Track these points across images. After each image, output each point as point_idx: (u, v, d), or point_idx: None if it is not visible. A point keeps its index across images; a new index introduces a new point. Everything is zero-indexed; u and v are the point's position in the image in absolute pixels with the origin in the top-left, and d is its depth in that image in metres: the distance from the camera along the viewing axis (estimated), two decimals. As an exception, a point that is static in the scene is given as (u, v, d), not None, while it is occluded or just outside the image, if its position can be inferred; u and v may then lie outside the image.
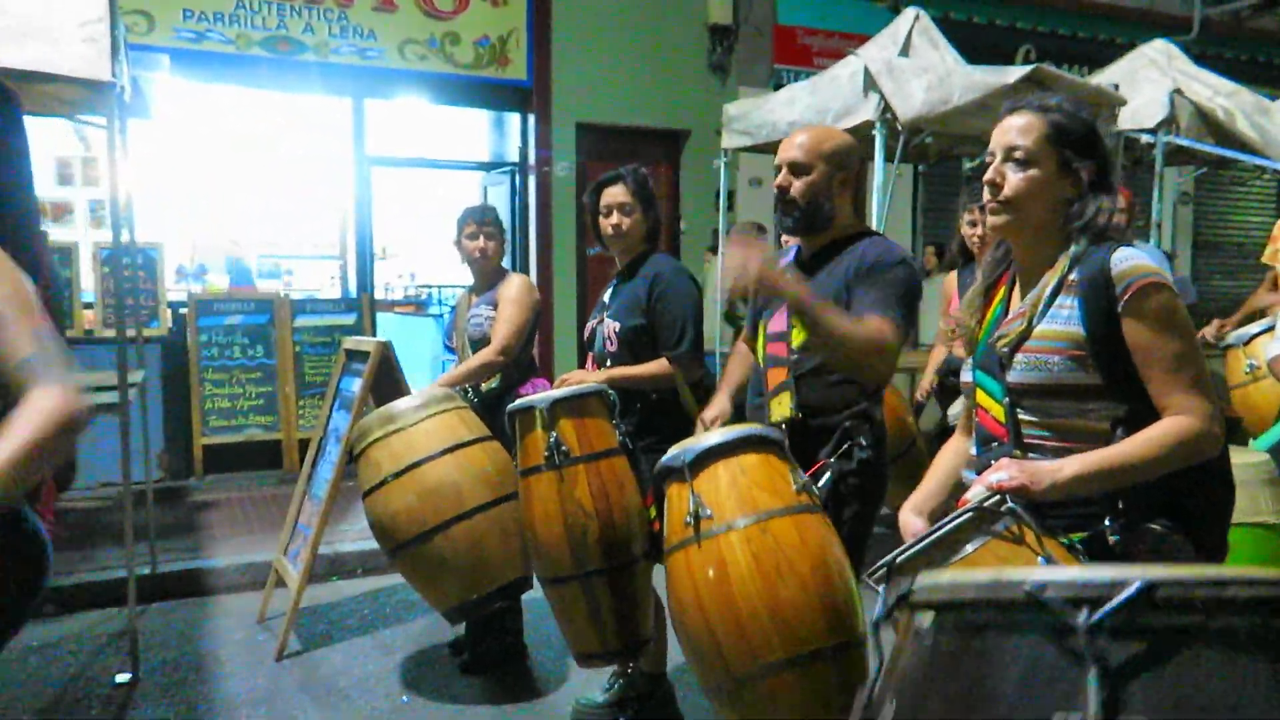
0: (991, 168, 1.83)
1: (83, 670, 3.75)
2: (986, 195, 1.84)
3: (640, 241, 3.16)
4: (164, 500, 5.86)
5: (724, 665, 2.04)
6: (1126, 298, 1.69)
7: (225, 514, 5.79)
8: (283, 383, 6.85)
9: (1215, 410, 1.66)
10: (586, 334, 3.29)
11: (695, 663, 2.14)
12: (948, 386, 4.54)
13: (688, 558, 2.12)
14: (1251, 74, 8.48)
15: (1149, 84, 5.76)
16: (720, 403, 2.77)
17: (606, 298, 3.23)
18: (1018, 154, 1.79)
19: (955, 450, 2.08)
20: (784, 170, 2.46)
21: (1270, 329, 3.56)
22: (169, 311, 6.76)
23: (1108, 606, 0.83)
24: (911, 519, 1.98)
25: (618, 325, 3.08)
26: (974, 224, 4.00)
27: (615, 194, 3.11)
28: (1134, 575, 0.83)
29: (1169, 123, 5.55)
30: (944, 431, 4.22)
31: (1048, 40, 8.78)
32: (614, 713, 3.24)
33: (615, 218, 3.11)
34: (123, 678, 3.62)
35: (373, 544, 4.68)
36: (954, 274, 4.41)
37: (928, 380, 4.78)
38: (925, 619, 0.97)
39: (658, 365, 3.01)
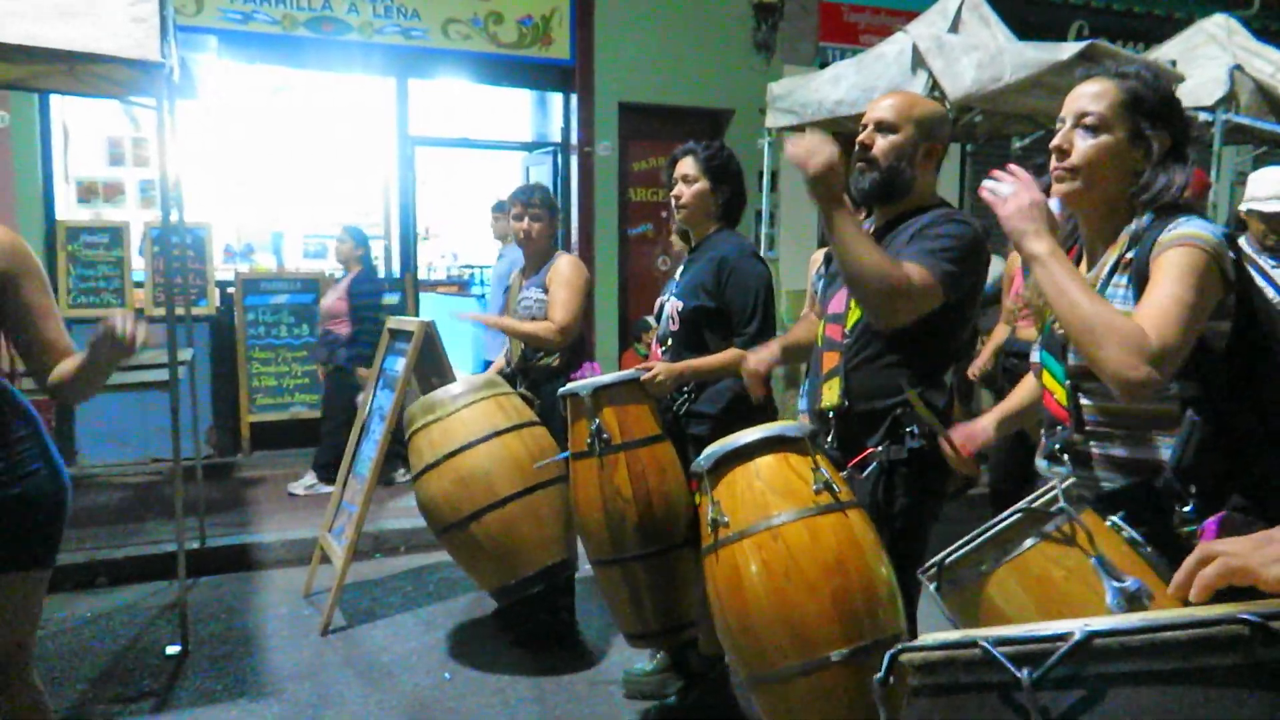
0: (1060, 133, 1.76)
1: (134, 641, 3.83)
2: (1054, 162, 1.76)
3: (708, 217, 3.11)
4: (212, 476, 5.97)
5: (744, 665, 2.09)
6: (1153, 258, 1.62)
7: (271, 490, 5.88)
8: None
9: (1158, 353, 1.50)
10: (655, 310, 3.25)
11: (728, 657, 2.21)
12: (1009, 369, 4.44)
13: (710, 564, 2.18)
14: (1315, 49, 8.20)
15: (1208, 60, 5.59)
16: (770, 349, 2.67)
17: (677, 275, 3.18)
18: (1088, 120, 1.72)
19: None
20: (869, 128, 2.35)
21: None
22: (217, 290, 6.86)
23: (1048, 662, 0.89)
24: (980, 422, 2.03)
25: (681, 305, 3.04)
26: None
27: (682, 166, 3.10)
28: (1075, 627, 0.89)
29: (1228, 100, 5.38)
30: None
31: (1102, 16, 8.56)
32: (664, 680, 3.25)
33: (678, 188, 3.09)
34: (173, 649, 3.69)
35: (415, 522, 4.73)
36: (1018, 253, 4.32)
37: (983, 359, 4.66)
38: (913, 679, 1.02)
39: (731, 354, 2.91)
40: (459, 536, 3.26)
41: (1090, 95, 1.74)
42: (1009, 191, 1.67)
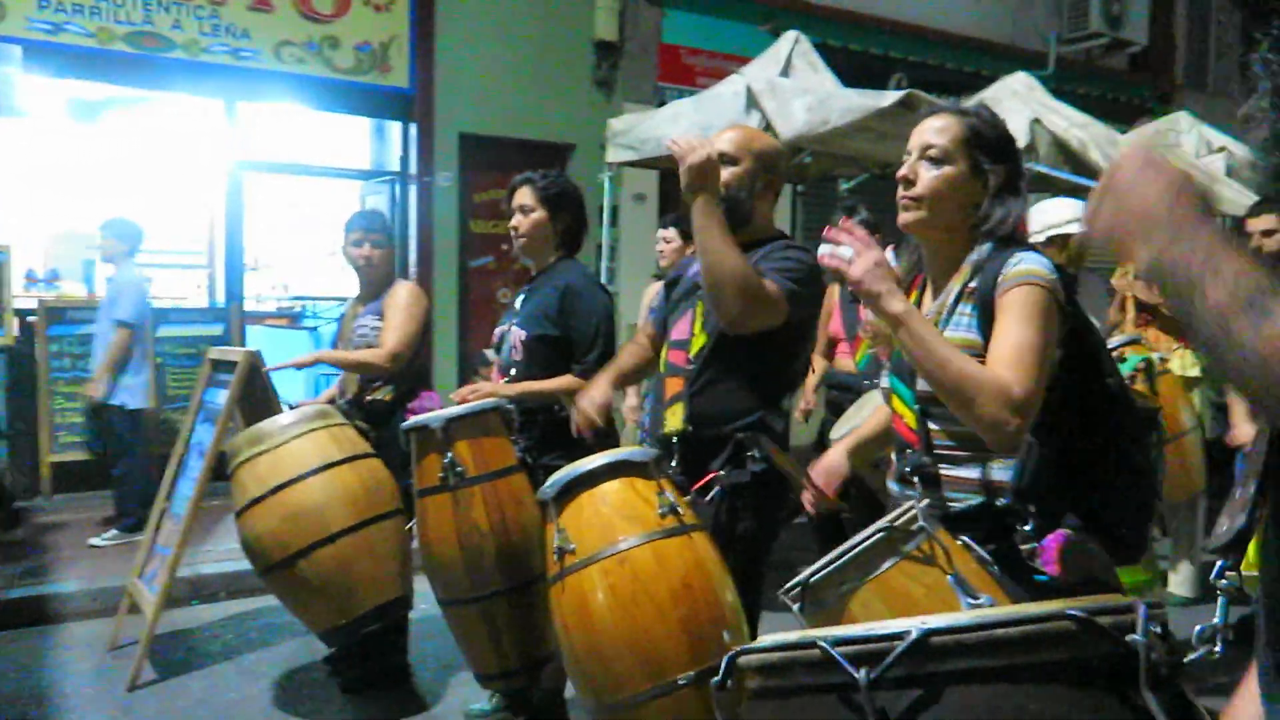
0: (906, 164, 1.84)
1: (-93, 707, 3.44)
2: (900, 191, 1.84)
3: (548, 247, 3.11)
4: (7, 521, 5.46)
5: (594, 694, 2.06)
6: (999, 296, 1.71)
7: (75, 536, 5.42)
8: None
9: (1023, 403, 1.59)
10: (495, 339, 3.21)
11: (575, 688, 2.16)
12: (831, 401, 4.62)
13: (556, 593, 2.14)
14: (1101, 109, 9.00)
15: (1012, 113, 6.02)
16: (600, 386, 2.63)
17: (517, 304, 3.16)
18: (933, 152, 1.81)
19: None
20: None
21: (1130, 343, 3.78)
22: (15, 319, 6.32)
23: (884, 662, 0.87)
24: (832, 456, 2.06)
25: (524, 334, 3.02)
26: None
27: (519, 196, 3.09)
28: (912, 626, 0.88)
29: (1029, 150, 5.82)
30: (821, 446, 4.29)
31: (918, 69, 9.14)
32: (507, 716, 3.17)
33: (515, 219, 3.08)
34: (-47, 714, 3.34)
35: (237, 565, 4.46)
36: (835, 287, 4.50)
37: (808, 396, 4.84)
38: (753, 682, 0.99)
39: (567, 380, 2.93)
40: (287, 575, 3.07)
41: (935, 129, 1.84)
42: (851, 254, 1.68)
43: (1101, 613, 0.87)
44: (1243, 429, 3.76)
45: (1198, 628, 2.52)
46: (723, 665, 1.01)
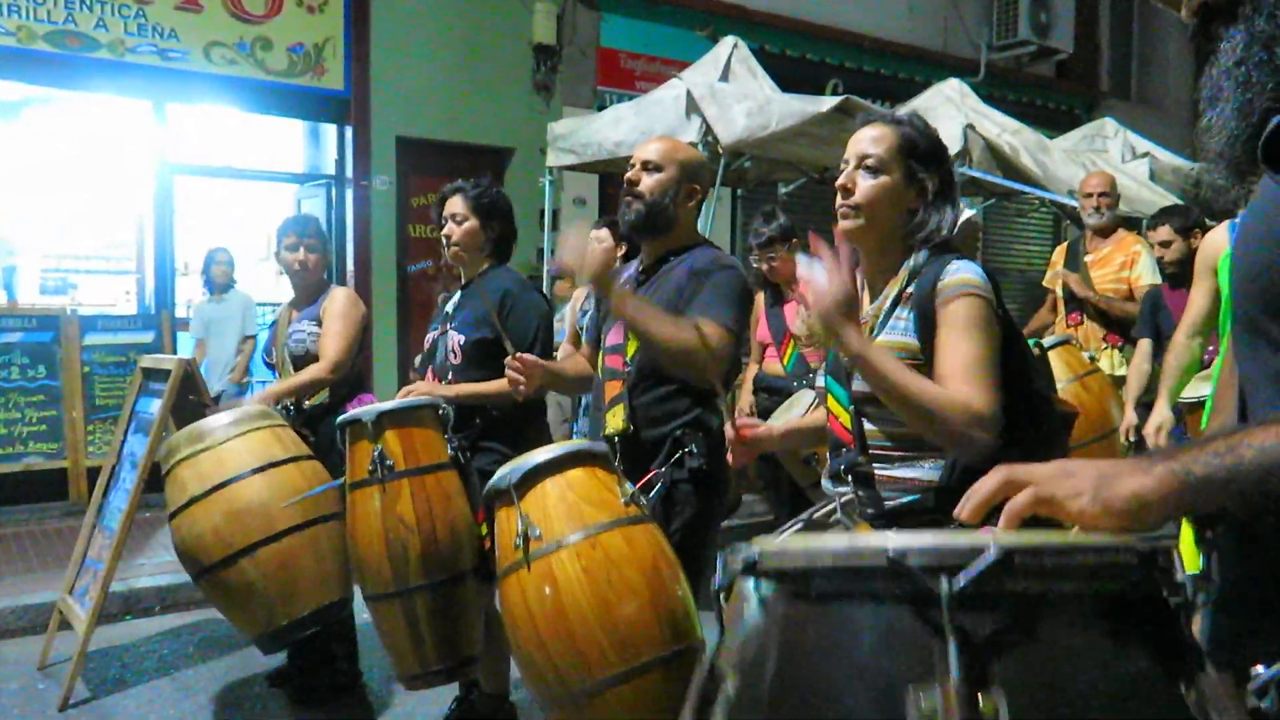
0: (845, 173, 1.88)
1: None
2: (839, 200, 1.88)
3: (480, 255, 3.14)
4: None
5: (560, 681, 2.03)
6: (940, 305, 1.75)
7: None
8: (69, 406, 6.28)
9: (989, 416, 1.65)
10: (426, 345, 3.21)
11: (531, 680, 2.13)
12: (761, 404, 4.68)
13: (519, 580, 2.11)
14: (1031, 115, 9.27)
15: (946, 119, 6.17)
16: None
17: (450, 309, 3.17)
18: (870, 161, 1.85)
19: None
20: (637, 167, 2.52)
21: (1061, 343, 3.89)
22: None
23: (969, 572, 0.79)
24: (770, 426, 2.09)
25: (462, 338, 3.03)
26: (759, 260, 4.41)
27: (451, 204, 3.12)
28: (988, 541, 0.81)
29: (963, 155, 5.96)
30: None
31: (854, 75, 9.31)
32: None
33: (448, 227, 3.11)
34: None
35: (173, 578, 4.35)
36: (760, 294, 4.56)
37: (745, 399, 4.89)
38: (771, 588, 0.90)
39: (501, 384, 2.89)
40: (226, 575, 2.95)
41: (870, 139, 1.88)
42: (823, 279, 1.68)
43: (1155, 551, 0.84)
44: (1130, 416, 3.95)
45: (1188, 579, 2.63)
46: (737, 567, 0.92)
